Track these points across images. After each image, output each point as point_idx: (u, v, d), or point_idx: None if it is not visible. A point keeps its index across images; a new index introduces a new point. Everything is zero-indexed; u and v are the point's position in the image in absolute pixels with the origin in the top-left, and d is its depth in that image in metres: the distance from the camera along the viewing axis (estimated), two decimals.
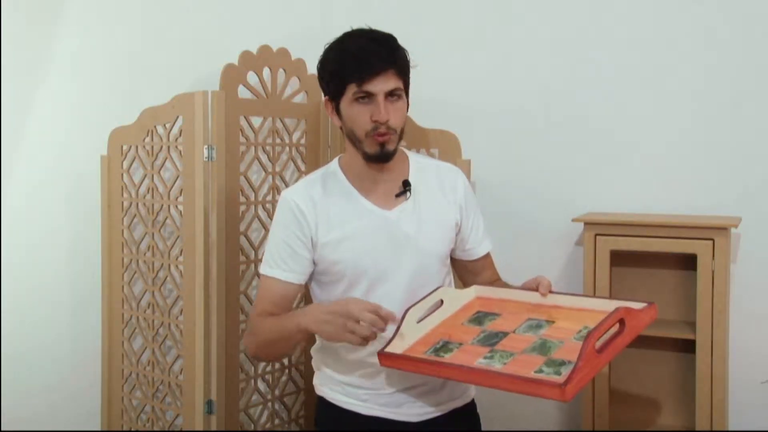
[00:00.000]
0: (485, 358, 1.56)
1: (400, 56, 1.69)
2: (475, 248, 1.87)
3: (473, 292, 1.80)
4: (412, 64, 1.73)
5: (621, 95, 2.34)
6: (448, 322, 1.72)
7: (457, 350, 1.61)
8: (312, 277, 1.79)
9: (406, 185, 1.76)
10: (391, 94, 1.66)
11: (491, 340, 1.62)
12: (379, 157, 1.70)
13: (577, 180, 2.39)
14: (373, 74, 1.64)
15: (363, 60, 1.65)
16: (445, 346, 1.63)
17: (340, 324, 1.53)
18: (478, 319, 1.72)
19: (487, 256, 1.90)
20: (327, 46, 1.73)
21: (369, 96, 1.65)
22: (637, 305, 1.60)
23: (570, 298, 1.70)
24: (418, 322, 1.67)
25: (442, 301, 1.73)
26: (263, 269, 1.76)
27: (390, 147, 1.69)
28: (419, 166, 1.82)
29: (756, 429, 2.22)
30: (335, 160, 1.82)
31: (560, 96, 2.40)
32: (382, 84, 1.65)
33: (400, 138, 1.73)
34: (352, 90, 1.66)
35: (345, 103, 1.69)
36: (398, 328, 1.62)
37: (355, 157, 1.74)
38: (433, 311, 1.71)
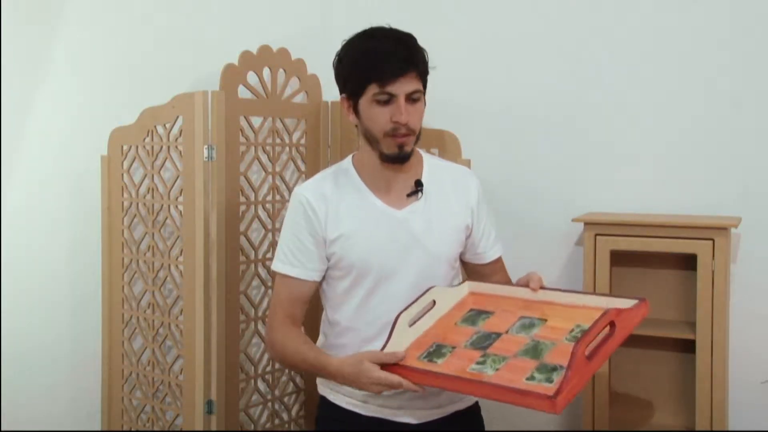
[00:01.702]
0: (477, 363, 1.54)
1: (421, 58, 1.70)
2: (486, 252, 1.87)
3: (466, 288, 1.78)
4: (430, 65, 1.73)
5: (621, 95, 2.34)
6: (442, 323, 1.70)
7: (449, 354, 1.59)
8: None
9: (419, 185, 1.76)
10: (411, 96, 1.67)
11: (484, 342, 1.60)
12: (396, 158, 1.70)
13: (577, 180, 2.39)
14: (396, 76, 1.64)
15: (386, 61, 1.65)
16: (438, 350, 1.61)
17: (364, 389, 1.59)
18: (472, 318, 1.70)
19: (498, 260, 1.91)
20: (345, 42, 1.73)
21: (390, 97, 1.66)
22: (627, 303, 1.58)
23: (563, 295, 1.69)
24: (411, 325, 1.64)
25: (434, 302, 1.70)
26: (275, 266, 1.77)
27: (407, 148, 1.70)
28: (433, 167, 1.83)
29: (756, 429, 2.22)
30: (348, 158, 1.83)
31: (560, 96, 2.40)
32: (404, 86, 1.65)
33: (417, 139, 1.73)
34: (372, 90, 1.66)
35: (364, 102, 1.69)
36: (390, 334, 1.60)
37: (370, 156, 1.74)
38: (426, 312, 1.69)
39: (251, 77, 2.35)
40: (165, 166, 2.44)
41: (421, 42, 1.76)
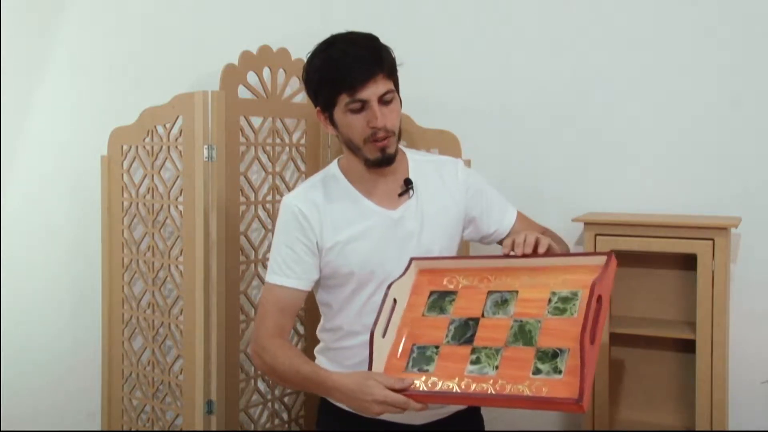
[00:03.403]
0: (472, 363, 1.51)
1: (387, 57, 1.68)
2: (501, 227, 1.85)
3: (414, 268, 1.70)
4: (398, 61, 1.71)
5: (621, 95, 2.34)
6: (409, 317, 1.64)
7: (437, 357, 1.55)
8: (318, 282, 1.78)
9: (408, 184, 1.76)
10: (383, 97, 1.66)
11: (465, 333, 1.57)
12: (381, 162, 1.69)
13: (577, 180, 2.39)
14: (363, 82, 1.63)
15: (352, 69, 1.63)
16: (422, 355, 1.56)
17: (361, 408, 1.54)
18: (438, 304, 1.64)
19: (520, 219, 1.88)
20: (309, 56, 1.72)
21: (362, 103, 1.65)
22: (594, 261, 1.56)
23: (518, 260, 1.63)
24: (384, 336, 1.59)
25: (395, 300, 1.63)
26: (270, 278, 1.74)
27: (390, 150, 1.69)
28: (417, 163, 1.82)
29: (756, 429, 2.22)
30: (334, 163, 1.82)
31: (560, 96, 2.40)
32: (374, 89, 1.64)
33: (399, 138, 1.73)
34: (344, 100, 1.65)
35: (338, 113, 1.68)
36: (371, 356, 1.55)
37: (355, 162, 1.74)
38: (392, 315, 1.62)
39: (251, 77, 2.35)
40: (165, 166, 2.44)
41: (421, 42, 1.76)
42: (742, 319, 2.20)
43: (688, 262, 2.16)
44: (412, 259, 1.70)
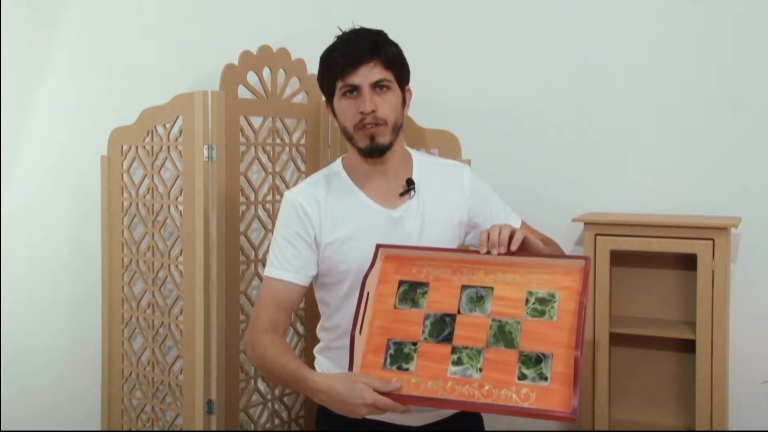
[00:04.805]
0: (454, 364, 1.50)
1: (386, 47, 1.69)
2: None
3: (380, 254, 1.66)
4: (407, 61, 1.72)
5: (621, 95, 2.34)
6: (380, 309, 1.61)
7: (416, 356, 1.53)
8: (316, 280, 1.78)
9: (410, 184, 1.76)
10: (378, 86, 1.66)
11: (443, 330, 1.55)
12: (371, 150, 1.69)
13: (577, 180, 2.39)
14: (355, 66, 1.65)
15: (346, 54, 1.66)
16: (399, 352, 1.54)
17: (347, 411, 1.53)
18: (409, 296, 1.61)
19: (523, 228, 1.88)
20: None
21: (355, 89, 1.66)
22: (571, 263, 1.55)
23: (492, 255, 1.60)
24: (360, 333, 1.56)
25: (368, 294, 1.60)
26: (268, 271, 1.74)
27: (381, 140, 1.68)
28: (423, 164, 1.82)
29: (756, 429, 2.22)
30: (338, 161, 1.82)
31: (560, 96, 2.40)
32: (366, 75, 1.65)
33: (397, 133, 1.72)
34: (339, 85, 1.68)
35: (336, 100, 1.71)
36: (351, 357, 1.54)
37: (356, 158, 1.75)
38: (365, 309, 1.60)
39: (251, 77, 2.35)
40: (165, 166, 2.44)
41: (421, 42, 1.76)
42: (742, 319, 2.20)
43: (688, 262, 2.16)
44: (378, 246, 1.66)
